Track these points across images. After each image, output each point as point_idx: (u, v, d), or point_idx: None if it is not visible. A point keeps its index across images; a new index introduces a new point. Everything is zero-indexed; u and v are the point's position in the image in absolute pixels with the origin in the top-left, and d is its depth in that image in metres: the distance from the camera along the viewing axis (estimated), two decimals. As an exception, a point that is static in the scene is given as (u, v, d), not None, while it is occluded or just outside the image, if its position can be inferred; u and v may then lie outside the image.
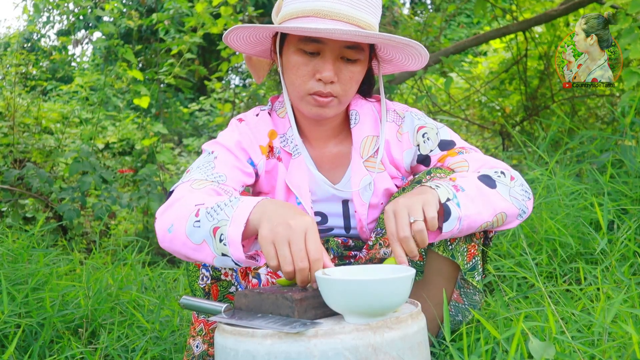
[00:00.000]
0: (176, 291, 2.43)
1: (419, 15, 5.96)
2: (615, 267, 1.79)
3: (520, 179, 1.48)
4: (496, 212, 1.38)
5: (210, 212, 1.24)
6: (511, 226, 1.46)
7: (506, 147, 4.72)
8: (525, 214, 1.46)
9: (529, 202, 1.48)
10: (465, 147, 1.58)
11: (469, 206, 1.32)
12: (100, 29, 4.40)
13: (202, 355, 1.53)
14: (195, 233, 1.24)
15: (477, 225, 1.35)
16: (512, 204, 1.41)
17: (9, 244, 2.34)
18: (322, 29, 1.34)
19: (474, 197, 1.34)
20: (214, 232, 1.21)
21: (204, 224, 1.23)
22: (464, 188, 1.35)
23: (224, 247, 1.19)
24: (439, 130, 1.59)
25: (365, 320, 1.12)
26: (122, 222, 4.82)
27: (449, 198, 1.30)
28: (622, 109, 2.94)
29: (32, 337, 1.80)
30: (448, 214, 1.29)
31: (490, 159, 1.52)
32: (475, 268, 1.45)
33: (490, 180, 1.41)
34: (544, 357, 1.12)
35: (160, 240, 1.34)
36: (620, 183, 2.44)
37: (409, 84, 4.78)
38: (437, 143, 1.58)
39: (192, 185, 1.38)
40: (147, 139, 4.56)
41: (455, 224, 1.30)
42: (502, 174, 1.45)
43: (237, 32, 1.49)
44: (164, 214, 1.34)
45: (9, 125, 4.33)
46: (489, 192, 1.38)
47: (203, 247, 1.24)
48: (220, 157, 1.49)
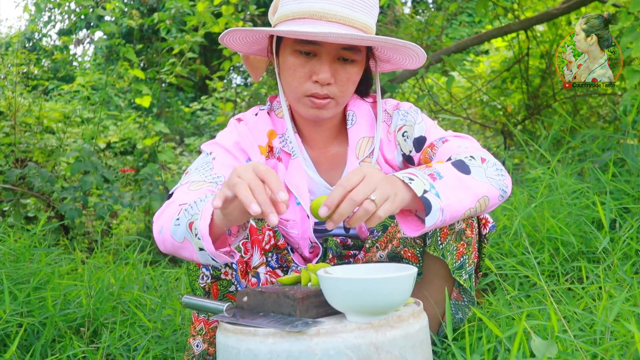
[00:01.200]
0: (178, 290, 2.43)
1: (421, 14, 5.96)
2: (618, 266, 1.79)
3: (491, 159, 1.42)
4: (478, 197, 1.33)
5: (187, 209, 1.25)
6: (493, 208, 1.41)
7: (508, 146, 4.72)
8: (506, 193, 1.41)
9: (507, 180, 1.42)
10: (434, 142, 1.52)
11: (449, 194, 1.26)
12: (102, 29, 4.40)
13: (203, 355, 1.53)
14: (177, 231, 1.26)
15: (460, 214, 1.30)
16: (491, 185, 1.36)
17: (10, 244, 2.34)
18: (318, 33, 1.33)
19: (452, 185, 1.29)
20: (190, 228, 1.22)
21: (182, 221, 1.24)
22: (441, 175, 1.29)
23: (199, 241, 1.20)
24: (415, 126, 1.55)
25: (367, 319, 1.12)
26: (123, 221, 4.83)
27: (425, 190, 1.23)
28: (624, 107, 2.94)
29: (34, 336, 1.80)
30: (429, 207, 1.23)
31: (459, 143, 1.48)
32: (463, 267, 1.43)
33: (464, 165, 1.36)
34: (546, 356, 1.12)
35: (157, 242, 1.37)
36: (622, 182, 2.43)
37: (410, 83, 4.78)
38: (412, 141, 1.55)
39: (190, 187, 1.38)
40: (149, 138, 4.56)
41: (437, 215, 1.24)
42: (472, 158, 1.39)
43: (233, 34, 1.49)
44: (158, 217, 1.36)
45: (10, 125, 4.33)
46: (466, 177, 1.33)
47: (186, 245, 1.25)
48: (218, 157, 1.49)
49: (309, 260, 1.60)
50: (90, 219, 4.42)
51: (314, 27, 1.37)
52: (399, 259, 1.53)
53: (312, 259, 1.59)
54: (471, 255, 1.45)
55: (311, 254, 1.58)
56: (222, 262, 1.24)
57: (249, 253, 1.51)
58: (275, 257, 1.58)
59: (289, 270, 1.59)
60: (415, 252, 1.51)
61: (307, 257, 1.59)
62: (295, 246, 1.59)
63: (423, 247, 1.49)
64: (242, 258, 1.50)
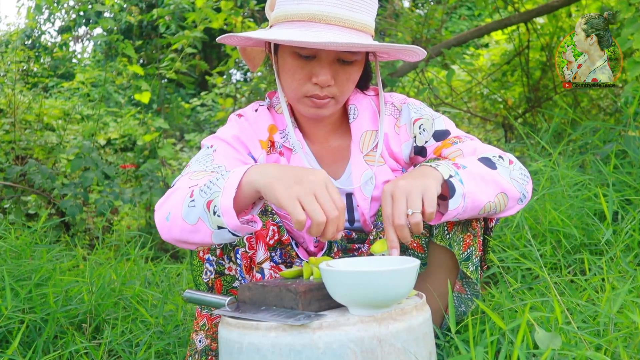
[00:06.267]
0: (179, 286, 2.43)
1: (420, 7, 5.94)
2: (620, 258, 1.78)
3: (518, 163, 1.46)
4: (497, 191, 1.36)
5: (203, 188, 1.24)
6: (512, 212, 1.44)
7: (509, 139, 4.71)
8: (526, 199, 1.44)
9: (529, 187, 1.45)
10: (460, 136, 1.55)
11: (471, 183, 1.30)
12: (101, 25, 4.39)
13: (205, 350, 1.53)
14: (191, 213, 1.24)
15: (480, 205, 1.33)
16: (513, 185, 1.39)
17: (12, 240, 2.34)
18: (317, 43, 1.32)
19: (475, 175, 1.33)
20: (207, 207, 1.21)
21: (198, 201, 1.23)
22: (465, 166, 1.34)
23: (218, 219, 1.19)
24: (435, 120, 1.57)
25: (370, 312, 1.12)
26: (124, 217, 4.83)
27: (451, 175, 1.29)
28: (625, 99, 2.93)
29: (36, 332, 1.79)
30: (453, 190, 1.27)
31: (486, 146, 1.51)
32: (470, 258, 1.44)
33: (490, 162, 1.40)
34: (550, 348, 1.11)
35: (160, 231, 1.34)
36: (624, 174, 2.43)
37: (410, 77, 4.77)
38: (432, 134, 1.56)
39: (191, 177, 1.37)
40: (149, 134, 4.56)
41: (459, 201, 1.28)
42: (501, 158, 1.43)
43: (231, 39, 1.49)
44: (162, 205, 1.35)
45: (10, 122, 4.33)
46: (490, 172, 1.37)
47: (199, 226, 1.24)
48: (219, 150, 1.49)
49: (314, 254, 1.59)
50: (91, 215, 4.42)
51: (312, 32, 1.36)
52: (404, 250, 1.53)
53: (316, 253, 1.59)
54: (477, 247, 1.45)
55: (316, 248, 1.58)
56: (243, 235, 1.24)
57: (254, 249, 1.51)
58: (279, 253, 1.58)
59: (292, 265, 1.58)
60: (421, 243, 1.50)
61: (312, 251, 1.59)
62: (300, 240, 1.59)
63: (429, 237, 1.49)
64: (246, 254, 1.49)
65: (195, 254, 1.52)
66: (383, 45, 1.39)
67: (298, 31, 1.37)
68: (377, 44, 1.37)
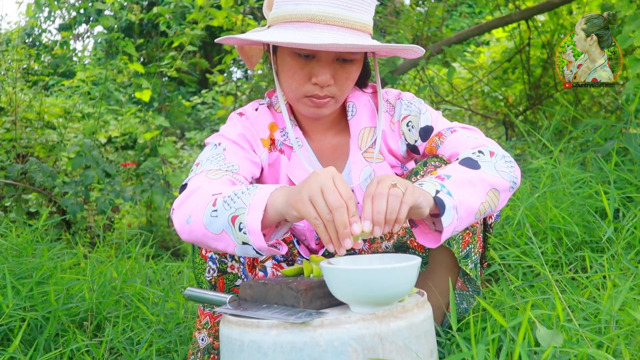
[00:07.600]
0: (180, 283, 2.43)
1: (421, 5, 5.93)
2: (622, 255, 1.78)
3: (500, 151, 1.43)
4: (487, 189, 1.34)
5: (227, 200, 1.23)
6: (506, 201, 1.42)
7: (509, 137, 4.71)
8: (516, 185, 1.43)
9: (516, 172, 1.43)
10: (442, 131, 1.53)
11: (459, 191, 1.28)
12: (101, 23, 4.38)
13: (208, 349, 1.53)
14: (214, 223, 1.24)
15: (474, 210, 1.31)
16: (501, 178, 1.37)
17: (13, 239, 2.34)
18: (317, 45, 1.32)
19: (461, 182, 1.30)
20: (232, 221, 1.21)
21: (222, 213, 1.23)
22: (449, 175, 1.31)
23: (244, 235, 1.19)
24: (421, 116, 1.56)
25: (371, 309, 1.12)
26: (125, 215, 4.83)
27: (437, 190, 1.25)
28: (626, 96, 2.93)
29: (37, 330, 1.80)
30: (442, 207, 1.23)
31: (471, 136, 1.49)
32: (469, 256, 1.44)
33: (472, 161, 1.38)
34: (552, 345, 1.11)
35: (179, 231, 1.34)
36: (625, 171, 2.43)
37: (411, 75, 4.76)
38: (418, 130, 1.55)
39: (208, 175, 1.37)
40: (149, 132, 4.55)
41: (452, 214, 1.24)
42: (481, 153, 1.40)
43: (231, 40, 1.49)
44: (182, 205, 1.34)
45: (11, 121, 4.32)
46: (475, 172, 1.34)
47: (223, 237, 1.24)
48: (228, 148, 1.49)
49: (315, 252, 1.59)
50: (92, 213, 4.42)
51: (312, 33, 1.36)
52: (405, 249, 1.52)
53: (318, 250, 1.59)
54: (476, 245, 1.45)
55: (317, 245, 1.58)
56: (267, 254, 1.24)
57: None
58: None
59: (294, 263, 1.58)
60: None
61: (314, 248, 1.59)
62: (301, 238, 1.59)
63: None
64: None
65: (198, 252, 1.52)
66: (383, 45, 1.39)
67: (298, 32, 1.37)
68: (376, 44, 1.37)
